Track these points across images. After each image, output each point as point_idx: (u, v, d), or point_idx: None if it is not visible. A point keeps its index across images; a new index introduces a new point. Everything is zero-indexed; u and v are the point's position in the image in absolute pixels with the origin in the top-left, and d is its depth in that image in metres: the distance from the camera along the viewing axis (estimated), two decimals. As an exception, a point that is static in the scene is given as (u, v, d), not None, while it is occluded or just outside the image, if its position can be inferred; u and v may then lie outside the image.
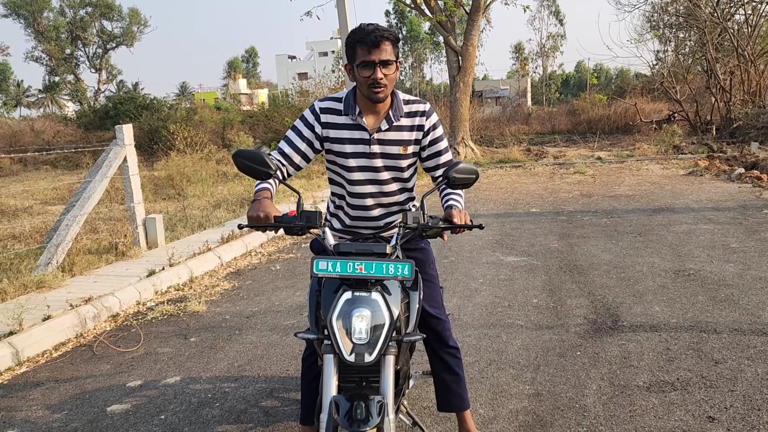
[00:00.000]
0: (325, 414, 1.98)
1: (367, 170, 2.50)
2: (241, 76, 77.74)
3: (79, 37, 51.41)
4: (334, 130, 2.49)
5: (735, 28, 20.20)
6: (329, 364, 2.05)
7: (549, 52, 60.45)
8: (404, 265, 2.04)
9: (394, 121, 2.46)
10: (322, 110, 2.50)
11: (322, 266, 2.03)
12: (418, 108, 2.51)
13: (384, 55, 2.30)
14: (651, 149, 16.73)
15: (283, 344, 4.33)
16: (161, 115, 21.43)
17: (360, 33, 2.31)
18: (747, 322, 4.16)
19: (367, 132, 2.46)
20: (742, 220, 7.51)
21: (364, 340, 1.97)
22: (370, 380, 2.15)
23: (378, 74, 2.31)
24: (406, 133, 2.50)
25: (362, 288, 2.04)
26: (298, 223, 2.17)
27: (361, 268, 2.02)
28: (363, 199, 2.55)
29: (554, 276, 5.60)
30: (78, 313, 4.85)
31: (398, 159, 2.50)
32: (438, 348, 2.70)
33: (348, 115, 2.46)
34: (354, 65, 2.35)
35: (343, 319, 1.99)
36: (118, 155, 6.91)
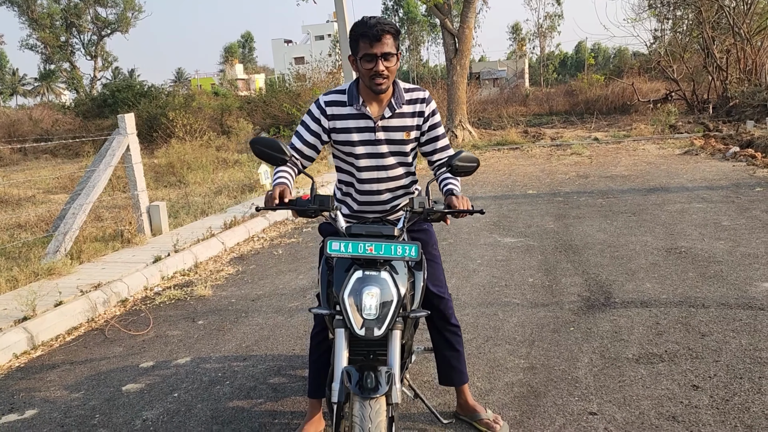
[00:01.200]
0: (337, 383, 2.15)
1: (373, 157, 2.65)
2: (237, 62, 77.37)
3: (73, 24, 51.12)
4: (340, 120, 2.62)
5: (731, 6, 20.17)
6: (340, 338, 2.21)
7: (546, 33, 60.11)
8: (411, 247, 2.20)
9: (396, 109, 2.61)
10: (327, 103, 2.64)
11: (335, 247, 2.18)
12: (418, 95, 2.67)
13: (385, 48, 2.44)
14: (648, 129, 16.83)
15: (289, 325, 4.50)
16: (159, 103, 21.46)
17: (363, 27, 2.45)
18: (734, 297, 4.33)
19: (371, 120, 2.60)
20: (734, 198, 7.65)
21: (373, 316, 2.13)
22: (377, 353, 2.32)
23: (380, 66, 2.45)
24: (408, 119, 2.65)
25: (372, 267, 2.19)
26: (312, 206, 2.31)
27: (372, 249, 2.18)
28: (371, 184, 2.69)
29: (550, 256, 5.76)
30: (89, 299, 5.02)
31: (402, 144, 2.66)
32: (440, 325, 2.85)
33: (352, 105, 2.60)
34: (357, 58, 2.49)
35: (354, 296, 2.14)
36: (121, 144, 7.03)
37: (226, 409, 3.30)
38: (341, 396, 2.13)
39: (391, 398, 2.09)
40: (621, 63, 33.27)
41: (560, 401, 3.12)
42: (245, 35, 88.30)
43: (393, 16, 68.12)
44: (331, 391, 2.19)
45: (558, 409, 3.05)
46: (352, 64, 2.56)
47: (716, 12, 20.19)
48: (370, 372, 2.10)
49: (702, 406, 2.96)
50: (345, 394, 2.14)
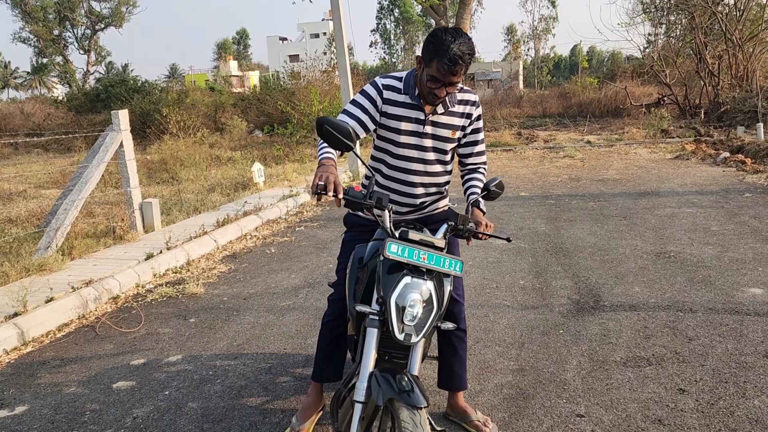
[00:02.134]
0: (364, 383, 2.17)
1: (416, 149, 2.68)
2: (231, 58, 77.18)
3: (67, 18, 50.87)
4: (393, 106, 2.64)
5: (724, 12, 20.32)
6: (372, 338, 2.23)
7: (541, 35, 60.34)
8: (457, 263, 2.28)
9: (449, 107, 2.65)
10: (385, 86, 2.64)
11: (394, 249, 2.20)
12: (469, 98, 2.72)
13: (454, 78, 2.44)
14: (639, 133, 16.94)
15: (280, 324, 4.51)
16: (153, 98, 21.38)
17: (440, 51, 2.37)
18: (721, 302, 4.39)
19: (423, 113, 2.63)
20: (724, 203, 7.73)
21: (414, 323, 2.17)
22: (393, 356, 2.37)
23: (442, 93, 2.49)
24: (457, 119, 2.70)
25: (419, 275, 2.23)
26: (369, 201, 2.29)
27: (425, 258, 2.23)
28: (408, 175, 2.71)
29: (541, 258, 5.80)
30: (80, 295, 5.01)
31: (446, 142, 2.71)
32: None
33: (407, 95, 2.62)
34: (424, 68, 2.48)
35: (401, 301, 2.17)
36: (115, 140, 7.02)
37: (216, 407, 3.32)
38: (367, 396, 2.15)
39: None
40: (614, 67, 33.43)
41: (548, 403, 3.15)
42: (240, 32, 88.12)
43: (388, 15, 68.16)
44: (356, 389, 2.19)
45: (546, 411, 3.08)
46: (417, 65, 2.54)
47: (709, 18, 20.34)
48: (403, 377, 2.13)
49: (687, 409, 3.01)
50: (368, 396, 2.16)
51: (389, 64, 69.52)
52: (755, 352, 3.56)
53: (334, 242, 6.95)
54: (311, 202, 9.70)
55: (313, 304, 4.92)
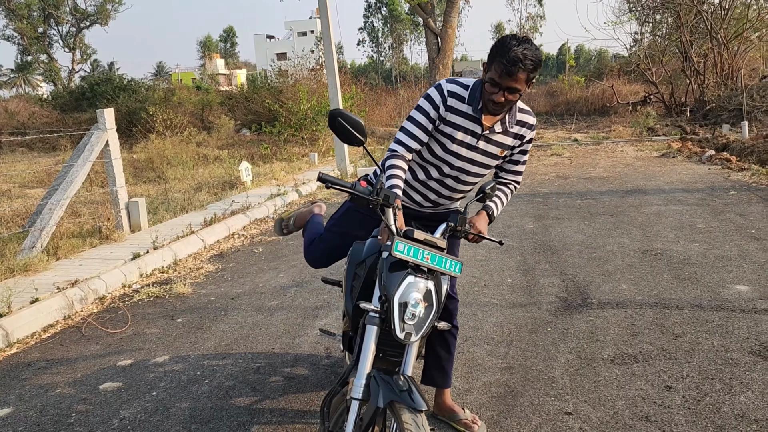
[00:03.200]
0: (362, 380, 2.16)
1: (462, 160, 2.65)
2: (218, 56, 76.77)
3: (51, 15, 50.29)
4: (454, 115, 2.58)
5: (709, 11, 20.50)
6: (372, 335, 2.22)
7: (528, 33, 60.52)
8: (457, 264, 2.29)
9: (508, 128, 2.61)
10: (450, 93, 2.57)
11: (401, 248, 2.20)
12: (528, 120, 2.66)
13: (515, 83, 2.36)
14: (626, 131, 17.06)
15: (268, 324, 4.49)
16: (139, 97, 21.22)
17: (503, 53, 2.32)
18: (707, 299, 4.42)
19: (480, 127, 2.58)
20: (709, 201, 7.80)
21: (415, 322, 2.18)
22: (388, 353, 2.37)
23: (500, 98, 2.40)
24: (510, 139, 2.66)
25: (421, 274, 2.23)
26: (376, 198, 2.26)
27: (428, 258, 2.24)
28: (442, 185, 2.73)
29: (528, 256, 5.82)
30: (65, 296, 4.96)
31: (492, 158, 2.68)
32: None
33: (471, 106, 2.56)
34: (486, 72, 2.44)
35: (403, 299, 2.18)
36: (100, 139, 6.95)
37: (204, 408, 3.29)
38: (365, 394, 2.15)
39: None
40: (601, 65, 33.64)
41: (537, 401, 3.16)
42: (227, 30, 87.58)
43: (376, 13, 68.08)
44: (353, 386, 2.18)
45: (534, 408, 3.09)
46: (483, 72, 2.50)
47: (694, 16, 20.51)
48: (400, 377, 2.16)
49: (674, 406, 3.03)
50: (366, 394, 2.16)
51: (377, 62, 69.46)
52: (741, 349, 3.59)
53: (322, 241, 6.92)
54: (299, 200, 9.67)
55: (301, 303, 4.90)
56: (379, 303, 2.24)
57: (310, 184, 10.61)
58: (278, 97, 17.32)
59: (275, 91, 18.79)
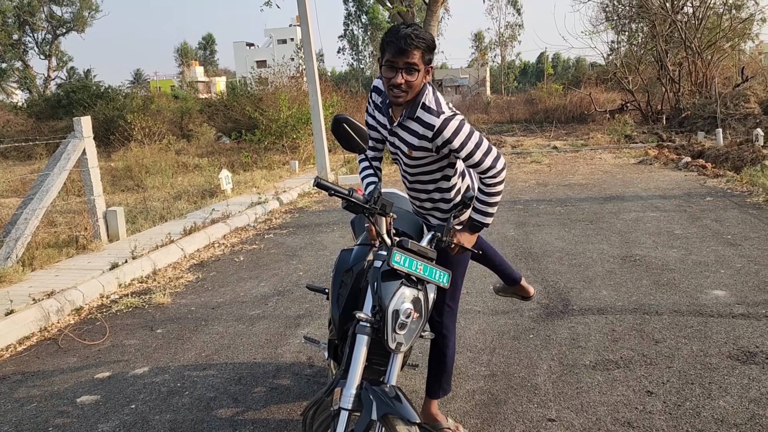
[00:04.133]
0: (352, 390, 2.14)
1: (395, 156, 2.68)
2: (197, 64, 76.33)
3: (27, 22, 49.59)
4: (376, 111, 2.66)
5: (683, 20, 20.89)
6: (362, 344, 2.21)
7: (507, 42, 61.11)
8: (445, 275, 2.33)
9: (403, 120, 2.49)
10: (374, 88, 2.65)
11: (398, 259, 2.22)
12: (429, 120, 2.42)
13: (410, 58, 2.31)
14: (604, 138, 17.27)
15: (250, 333, 4.45)
16: (117, 105, 21.00)
17: (392, 35, 2.33)
18: (686, 304, 4.47)
19: (389, 120, 2.58)
20: (686, 207, 7.91)
21: (406, 332, 2.20)
22: (373, 362, 2.38)
23: (398, 79, 2.33)
24: (415, 139, 2.48)
25: (413, 284, 2.25)
26: (374, 206, 2.26)
27: (421, 269, 2.27)
28: (403, 176, 2.75)
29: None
30: (41, 307, 4.86)
31: (405, 157, 2.59)
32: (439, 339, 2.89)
33: (383, 98, 2.60)
34: (382, 64, 2.41)
35: (396, 310, 2.19)
36: (77, 148, 6.86)
37: (185, 420, 3.24)
38: (354, 404, 2.13)
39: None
40: (579, 73, 34.08)
41: (520, 408, 3.17)
42: (206, 37, 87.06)
43: (356, 21, 68.26)
44: (342, 396, 2.16)
45: (518, 416, 3.09)
46: (380, 68, 2.48)
47: (669, 26, 20.89)
48: (393, 389, 2.17)
49: (655, 411, 3.05)
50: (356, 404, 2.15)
51: (357, 70, 69.58)
52: (719, 353, 3.63)
53: (303, 249, 6.90)
54: (280, 209, 9.62)
55: (283, 312, 4.87)
56: (371, 312, 2.24)
57: (291, 192, 10.57)
58: (258, 104, 17.25)
59: (255, 98, 18.72)
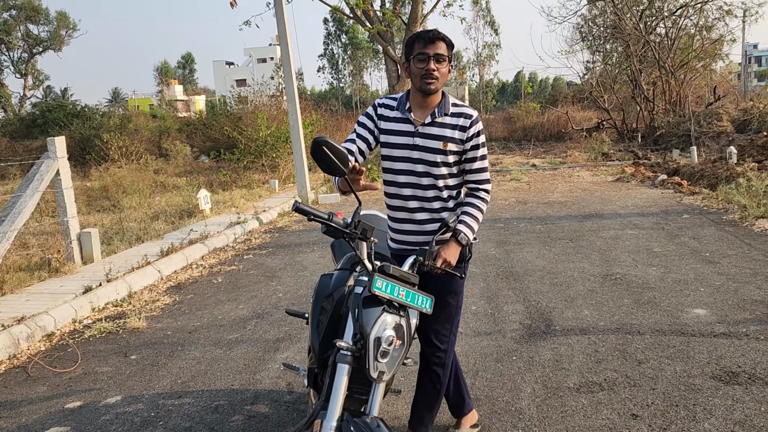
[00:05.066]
0: (333, 422, 2.08)
1: (407, 161, 2.66)
2: (176, 82, 75.96)
3: (2, 41, 49.02)
4: (386, 122, 2.70)
5: (656, 41, 21.31)
6: (343, 374, 2.15)
7: (485, 61, 61.86)
8: (428, 300, 2.30)
9: (437, 117, 2.63)
10: (380, 105, 2.75)
11: (380, 285, 2.18)
12: (464, 111, 2.67)
13: (438, 49, 2.54)
14: (582, 156, 17.46)
15: (227, 358, 4.34)
16: (93, 124, 20.75)
17: (419, 33, 2.58)
18: (667, 323, 4.47)
19: (412, 125, 2.65)
20: (664, 225, 7.98)
21: (388, 360, 2.15)
22: (354, 391, 2.31)
23: (431, 65, 2.53)
24: (449, 130, 2.64)
25: (395, 311, 2.21)
26: (354, 231, 2.22)
27: (403, 294, 2.23)
28: (406, 201, 2.70)
29: (492, 283, 5.81)
30: (10, 334, 4.70)
31: (436, 153, 2.63)
32: (428, 375, 2.83)
33: (398, 110, 2.68)
34: (410, 58, 2.58)
35: (378, 337, 2.14)
36: (50, 168, 6.72)
37: (159, 452, 3.13)
38: None
39: None
40: (556, 92, 34.56)
41: (504, 434, 3.10)
42: (186, 56, 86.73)
43: (336, 41, 68.64)
44: (323, 428, 2.09)
45: (502, 442, 3.03)
46: (404, 71, 2.67)
47: (643, 46, 21.31)
48: (375, 421, 2.11)
49: (641, 434, 3.01)
50: None
51: (337, 89, 69.83)
52: (702, 374, 3.62)
53: (283, 270, 6.80)
54: (259, 228, 9.51)
55: (261, 335, 4.76)
56: (352, 340, 2.17)
57: (270, 212, 10.47)
58: (238, 123, 17.16)
59: (235, 117, 18.63)
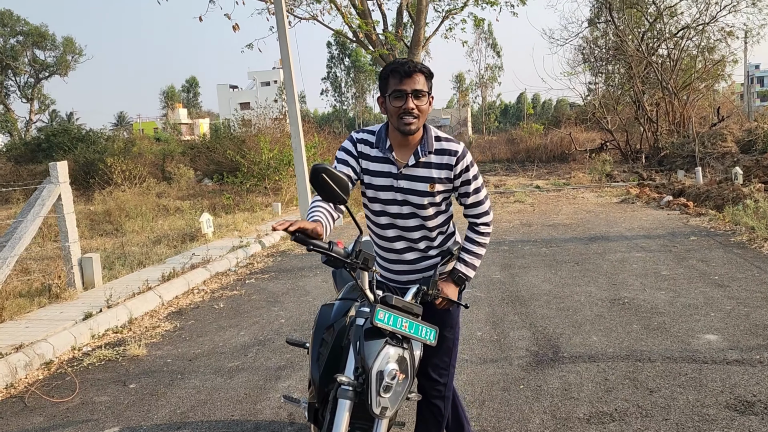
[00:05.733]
0: None
1: (391, 203, 2.50)
2: (181, 106, 76.64)
3: (9, 66, 49.58)
4: (367, 161, 2.50)
5: (659, 62, 21.38)
6: (344, 410, 2.07)
7: (488, 83, 62.28)
8: (431, 331, 2.22)
9: (421, 157, 2.44)
10: (358, 140, 2.52)
11: (382, 317, 2.10)
12: (448, 147, 2.46)
13: (417, 85, 2.33)
14: (586, 177, 17.41)
15: (228, 388, 4.24)
16: (97, 148, 20.84)
17: (394, 64, 2.36)
18: (678, 350, 4.36)
19: (395, 166, 2.46)
20: (671, 247, 7.88)
21: (392, 395, 2.07)
22: (356, 426, 2.23)
23: (409, 104, 2.32)
24: (435, 170, 2.45)
25: (398, 343, 2.14)
26: (354, 261, 2.13)
27: (406, 326, 2.16)
28: (385, 230, 2.55)
29: (497, 308, 5.72)
30: (8, 362, 4.62)
31: (423, 196, 2.46)
32: (428, 411, 2.71)
33: (378, 148, 2.47)
34: (386, 95, 2.37)
35: (380, 371, 2.07)
36: (52, 193, 6.69)
37: (156, 487, 3.03)
38: None
39: None
40: (559, 113, 34.68)
41: (513, 467, 3.00)
42: (190, 80, 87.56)
43: (339, 64, 69.23)
44: None
45: (511, 476, 2.92)
46: (380, 106, 2.45)
47: (645, 68, 21.37)
48: None
49: (655, 468, 2.90)
50: None
51: (340, 111, 70.26)
52: (716, 403, 3.51)
53: (285, 295, 6.72)
54: (262, 252, 9.44)
55: (263, 363, 4.67)
56: (354, 375, 2.09)
57: (273, 236, 10.41)
58: (241, 146, 17.20)
59: (238, 140, 18.68)
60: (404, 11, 18.93)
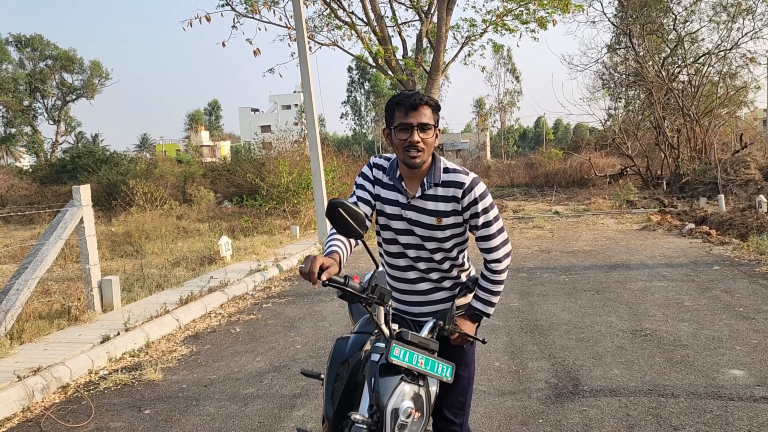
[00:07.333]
0: None
1: (400, 233, 2.46)
2: (203, 128, 77.78)
3: (38, 89, 50.88)
4: (381, 188, 2.49)
5: (679, 88, 21.25)
6: None
7: (507, 107, 62.38)
8: (448, 368, 2.19)
9: (426, 189, 2.39)
10: (374, 165, 2.52)
11: (397, 353, 2.09)
12: (456, 179, 2.38)
13: (423, 118, 2.29)
14: (606, 203, 17.25)
15: (242, 415, 4.21)
16: (121, 169, 21.17)
17: (399, 96, 2.33)
18: (702, 385, 4.24)
19: (404, 196, 2.43)
20: (694, 276, 7.73)
21: None
22: None
23: (415, 137, 2.28)
24: (442, 203, 2.39)
25: (414, 380, 2.12)
26: (371, 295, 2.11)
27: (422, 362, 2.13)
28: (397, 259, 2.52)
29: (515, 337, 5.64)
30: (25, 385, 4.64)
31: (433, 229, 2.41)
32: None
33: (389, 176, 2.47)
34: (392, 128, 2.35)
35: (395, 409, 2.04)
36: (74, 216, 6.77)
37: None
38: None
39: None
40: (578, 138, 34.55)
41: (531, 506, 2.92)
42: (212, 103, 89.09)
43: (359, 88, 69.91)
44: None
45: None
46: (386, 138, 2.42)
47: (666, 94, 21.25)
48: None
49: None
50: None
51: (360, 134, 70.74)
52: (743, 443, 3.40)
53: (302, 320, 6.70)
54: (279, 276, 9.45)
55: (278, 391, 4.63)
56: (368, 412, 2.06)
57: (291, 259, 10.43)
58: (260, 169, 17.35)
59: (258, 163, 18.85)
60: (424, 38, 19.11)
